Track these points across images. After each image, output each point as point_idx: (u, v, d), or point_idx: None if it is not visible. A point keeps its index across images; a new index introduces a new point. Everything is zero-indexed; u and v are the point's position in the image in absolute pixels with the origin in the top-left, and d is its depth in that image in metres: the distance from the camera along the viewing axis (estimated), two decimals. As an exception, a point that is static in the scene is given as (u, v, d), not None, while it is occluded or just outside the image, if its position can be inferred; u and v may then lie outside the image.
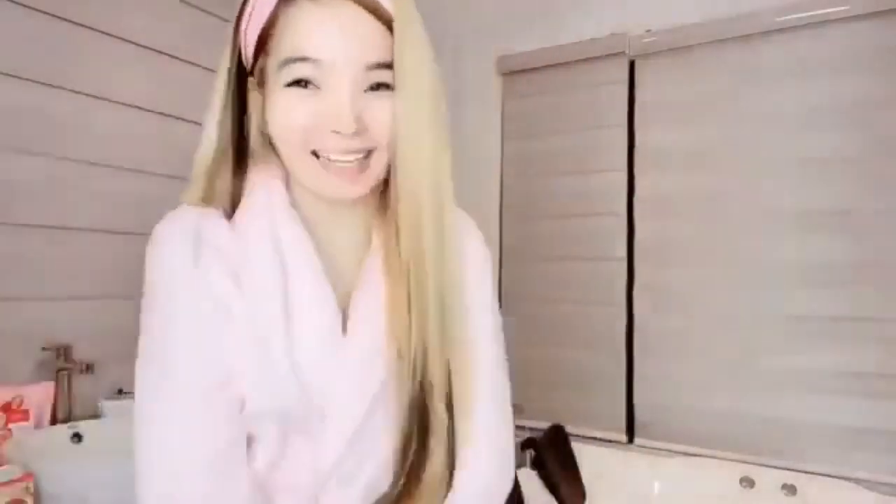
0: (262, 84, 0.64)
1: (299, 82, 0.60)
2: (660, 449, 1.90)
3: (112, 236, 1.56)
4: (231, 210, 0.66)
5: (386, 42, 0.60)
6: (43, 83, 1.44)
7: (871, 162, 1.69)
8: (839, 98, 1.74)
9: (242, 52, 0.64)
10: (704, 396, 1.88)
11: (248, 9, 0.62)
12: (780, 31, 1.80)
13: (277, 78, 0.60)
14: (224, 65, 0.65)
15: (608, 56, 2.03)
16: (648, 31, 1.95)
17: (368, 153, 0.62)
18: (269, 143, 0.65)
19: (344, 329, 0.65)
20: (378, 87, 0.61)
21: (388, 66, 0.61)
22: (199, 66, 1.74)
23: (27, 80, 1.41)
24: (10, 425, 1.31)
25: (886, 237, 1.66)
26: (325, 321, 0.64)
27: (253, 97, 0.65)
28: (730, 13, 1.85)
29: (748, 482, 1.72)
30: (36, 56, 1.43)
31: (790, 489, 1.66)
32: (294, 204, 0.67)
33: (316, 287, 0.64)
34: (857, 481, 1.63)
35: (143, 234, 0.67)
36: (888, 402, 1.64)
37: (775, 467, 1.73)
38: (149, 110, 1.65)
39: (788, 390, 1.77)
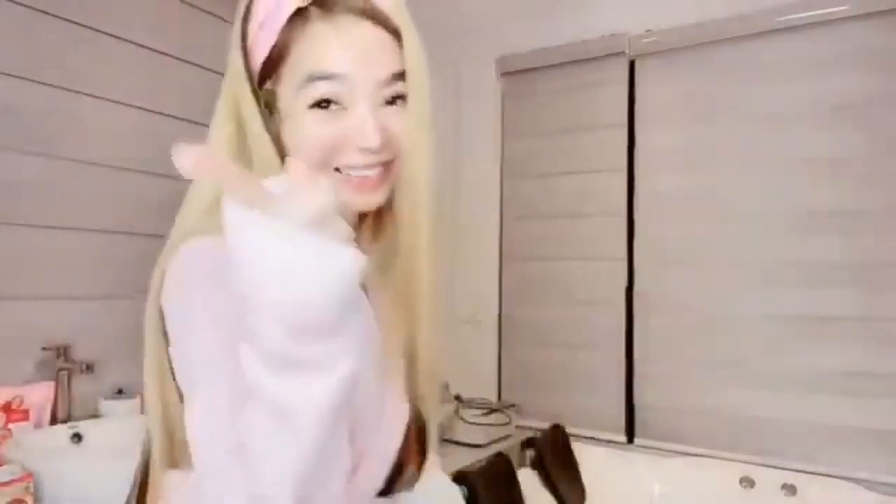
0: (269, 108, 0.62)
1: (320, 104, 0.59)
2: (660, 449, 1.90)
3: (111, 236, 1.56)
4: None
5: (396, 52, 0.61)
6: (43, 83, 1.44)
7: (871, 161, 1.70)
8: (839, 97, 1.74)
9: (246, 68, 0.62)
10: (704, 396, 1.88)
11: (253, 26, 0.61)
12: (780, 31, 1.81)
13: (297, 100, 0.59)
14: (233, 83, 0.63)
15: (608, 56, 2.03)
16: (648, 31, 1.95)
17: (389, 163, 0.63)
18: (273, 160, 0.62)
19: None
20: (394, 99, 0.62)
21: (401, 76, 0.61)
22: (198, 65, 1.74)
23: (26, 79, 1.41)
24: (10, 425, 1.32)
25: (885, 237, 1.67)
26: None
27: (261, 116, 0.62)
28: (728, 13, 1.85)
29: (748, 482, 1.72)
30: (36, 56, 1.43)
31: (790, 489, 1.66)
32: None
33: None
34: (858, 481, 1.64)
35: (141, 235, 0.67)
36: (889, 401, 1.64)
37: (775, 467, 1.73)
38: (149, 110, 1.65)
39: (788, 390, 1.77)
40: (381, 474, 0.63)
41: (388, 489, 0.64)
